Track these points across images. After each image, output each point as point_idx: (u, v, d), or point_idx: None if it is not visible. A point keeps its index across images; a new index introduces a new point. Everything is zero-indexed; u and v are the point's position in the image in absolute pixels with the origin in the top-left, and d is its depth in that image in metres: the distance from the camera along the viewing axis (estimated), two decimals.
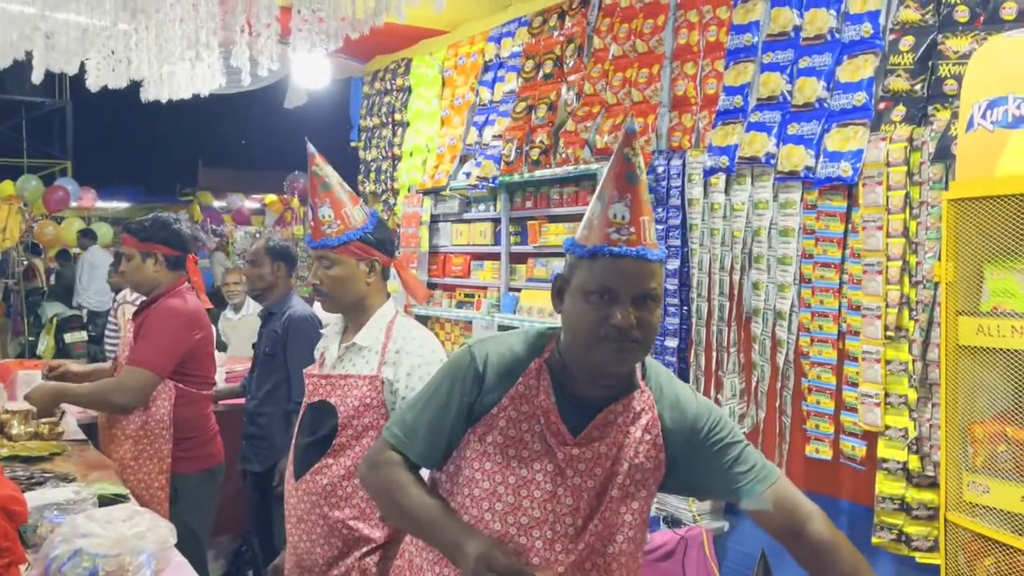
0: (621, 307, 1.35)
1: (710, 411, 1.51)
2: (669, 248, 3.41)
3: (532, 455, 1.45)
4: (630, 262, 1.36)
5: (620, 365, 1.39)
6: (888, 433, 2.65)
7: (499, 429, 1.45)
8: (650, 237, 1.39)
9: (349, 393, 2.16)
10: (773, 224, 3.04)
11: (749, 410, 3.17)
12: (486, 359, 1.48)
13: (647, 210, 1.39)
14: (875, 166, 2.68)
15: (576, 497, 1.44)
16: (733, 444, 1.49)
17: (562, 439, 1.44)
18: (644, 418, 1.47)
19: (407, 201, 4.98)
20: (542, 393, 1.45)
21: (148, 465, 2.97)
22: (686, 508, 3.26)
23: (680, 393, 1.52)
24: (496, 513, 1.45)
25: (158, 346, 2.95)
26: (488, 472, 1.46)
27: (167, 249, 3.07)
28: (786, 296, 2.98)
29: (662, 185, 3.43)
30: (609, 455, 1.45)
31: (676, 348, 3.39)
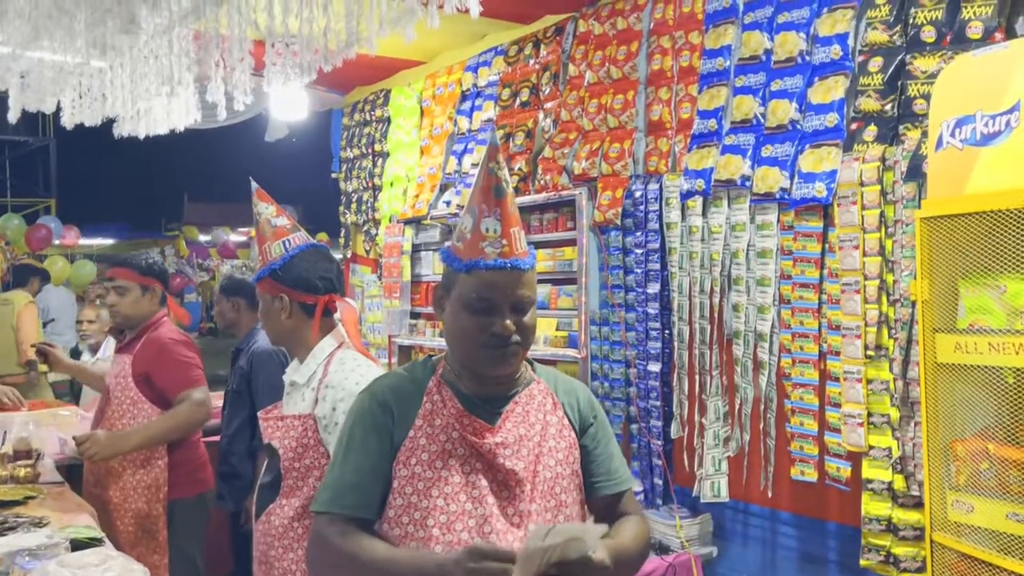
0: (499, 317, 1.46)
1: (594, 402, 1.65)
2: (648, 272, 3.41)
3: (459, 460, 1.50)
4: (505, 274, 1.46)
5: (504, 368, 1.50)
6: (872, 453, 2.63)
7: (422, 447, 1.50)
8: (521, 247, 1.49)
9: (287, 435, 2.10)
10: (751, 246, 3.03)
11: (734, 433, 3.15)
12: (386, 393, 1.55)
13: (516, 221, 1.50)
14: (849, 186, 2.69)
15: (513, 480, 1.50)
16: (611, 440, 1.63)
17: (481, 433, 1.51)
18: (547, 403, 1.58)
19: (388, 231, 4.97)
20: (448, 403, 1.52)
21: (144, 494, 3.04)
22: (674, 535, 3.22)
23: (570, 382, 1.66)
24: (443, 526, 1.46)
25: (188, 365, 3.16)
26: (423, 491, 1.48)
27: (161, 285, 3.24)
28: (766, 318, 2.97)
29: (640, 209, 3.43)
30: (529, 436, 1.53)
31: (659, 372, 3.37)
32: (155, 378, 3.10)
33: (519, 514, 1.49)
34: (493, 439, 1.49)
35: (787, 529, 3.08)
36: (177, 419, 3.07)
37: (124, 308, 3.16)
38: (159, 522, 3.03)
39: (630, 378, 3.50)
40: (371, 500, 1.50)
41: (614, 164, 3.55)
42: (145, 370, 3.10)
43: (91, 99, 3.90)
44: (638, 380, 3.46)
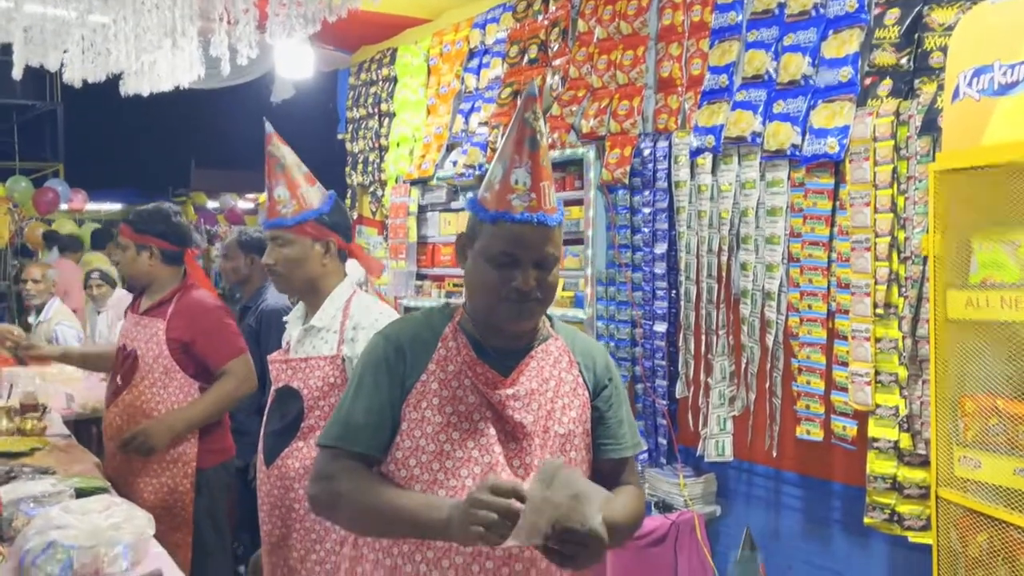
0: (523, 271, 1.44)
1: (611, 365, 1.64)
2: (656, 232, 3.38)
3: (469, 407, 1.49)
4: (531, 229, 1.44)
5: (522, 323, 1.49)
6: (879, 412, 2.61)
7: (433, 392, 1.49)
8: (550, 202, 1.46)
9: (311, 375, 2.13)
10: (760, 204, 3.00)
11: (739, 392, 3.13)
12: (400, 337, 1.54)
13: (547, 175, 1.47)
14: (862, 142, 2.64)
15: (521, 433, 1.49)
16: (623, 404, 1.62)
17: (493, 384, 1.50)
18: (563, 361, 1.57)
19: (394, 192, 4.94)
20: (462, 351, 1.51)
21: (172, 469, 2.86)
22: (677, 493, 3.22)
23: (588, 342, 1.65)
24: (448, 471, 1.47)
25: (228, 332, 2.94)
26: (431, 434, 1.48)
27: (163, 243, 2.96)
28: (774, 276, 2.95)
29: (648, 168, 3.39)
30: (542, 392, 1.52)
31: (665, 332, 3.35)
32: (197, 346, 2.87)
33: (525, 466, 1.48)
34: (504, 391, 1.49)
35: (791, 489, 3.07)
36: (227, 394, 2.86)
37: (123, 266, 3.03)
38: (186, 497, 2.86)
39: (636, 338, 3.49)
40: (379, 441, 1.50)
41: (623, 122, 3.50)
42: (183, 336, 2.87)
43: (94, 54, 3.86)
44: (644, 340, 3.44)
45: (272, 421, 2.25)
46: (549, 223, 1.45)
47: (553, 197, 1.48)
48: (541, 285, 1.46)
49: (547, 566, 1.47)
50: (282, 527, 2.16)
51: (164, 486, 2.85)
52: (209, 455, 2.95)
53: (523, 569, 1.46)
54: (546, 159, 1.48)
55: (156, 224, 2.98)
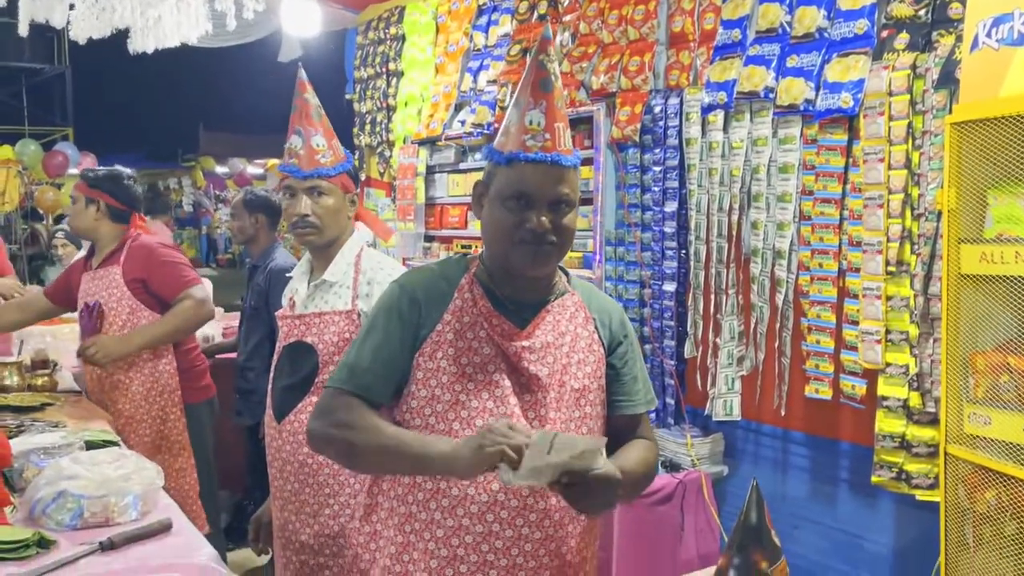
0: (536, 212, 1.43)
1: (627, 322, 1.65)
2: (666, 190, 3.35)
3: (484, 358, 1.49)
4: (545, 168, 1.43)
5: (538, 267, 1.48)
6: (889, 370, 2.60)
7: (448, 342, 1.49)
8: (564, 143, 1.46)
9: (326, 330, 2.13)
10: (772, 161, 2.96)
11: (748, 352, 3.13)
12: (415, 287, 1.53)
13: (562, 116, 1.46)
14: (877, 96, 2.59)
15: (536, 385, 1.49)
16: (638, 361, 1.64)
17: (509, 335, 1.50)
18: (579, 316, 1.57)
19: (402, 152, 4.91)
20: (479, 301, 1.51)
21: (159, 401, 3.07)
22: (685, 452, 3.23)
23: (604, 299, 1.66)
24: (463, 420, 1.46)
25: (180, 265, 3.11)
26: (447, 384, 1.48)
27: (110, 199, 3.12)
28: (785, 235, 2.92)
29: (659, 125, 3.36)
30: (557, 345, 1.52)
31: (674, 292, 3.34)
32: (150, 282, 3.05)
33: (540, 419, 1.49)
34: (520, 342, 1.49)
35: (799, 448, 3.08)
36: (180, 318, 3.03)
37: (71, 218, 3.20)
38: (179, 424, 3.07)
39: (644, 298, 3.48)
40: (384, 386, 1.50)
41: (634, 78, 3.46)
42: (140, 275, 3.05)
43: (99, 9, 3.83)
44: (652, 300, 3.44)
45: (282, 376, 2.24)
46: (563, 163, 1.44)
47: (568, 139, 1.47)
48: (556, 228, 1.44)
49: (561, 517, 1.48)
50: (295, 482, 2.17)
51: (156, 417, 3.06)
52: (191, 392, 3.16)
53: (537, 520, 1.47)
54: (561, 101, 1.47)
55: (106, 181, 3.14)
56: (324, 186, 2.19)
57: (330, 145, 2.20)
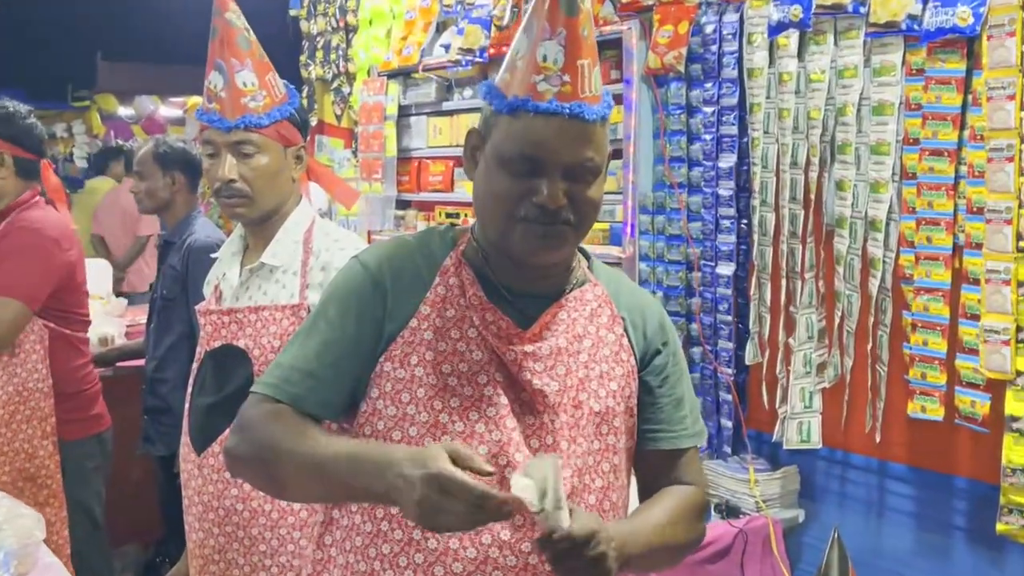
0: (549, 181, 1.42)
1: (668, 325, 1.65)
2: (721, 139, 3.35)
3: (474, 367, 1.49)
4: (561, 123, 1.41)
5: (545, 254, 1.48)
6: (1020, 381, 2.60)
7: (426, 344, 1.49)
8: (591, 88, 1.43)
9: (264, 330, 2.13)
10: (864, 98, 2.96)
11: (831, 357, 3.13)
12: (382, 266, 1.53)
13: (589, 50, 1.45)
14: (1005, 10, 2.59)
15: (542, 405, 1.49)
16: (682, 378, 1.64)
17: (507, 336, 1.49)
18: (603, 314, 1.57)
19: (366, 88, 4.91)
20: (468, 289, 1.51)
21: (26, 429, 3.04)
22: (746, 492, 3.24)
23: (638, 292, 1.67)
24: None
25: (24, 268, 3.00)
26: (423, 400, 1.47)
27: (18, 150, 3.09)
28: (882, 198, 2.92)
29: (712, 51, 3.35)
30: (572, 352, 1.52)
31: (732, 276, 3.35)
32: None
33: (545, 447, 1.49)
34: (522, 346, 1.49)
35: (899, 486, 3.09)
36: None
37: None
38: (51, 463, 3.06)
39: (692, 284, 3.48)
40: (329, 396, 1.50)
41: None
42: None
43: None
44: (703, 287, 3.44)
45: (204, 392, 2.25)
46: (587, 116, 1.42)
47: (596, 81, 1.45)
48: (574, 202, 1.44)
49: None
50: (219, 535, 2.18)
51: (19, 452, 3.02)
52: (73, 424, 3.14)
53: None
54: (588, 27, 1.44)
55: (6, 126, 3.09)
56: (255, 140, 2.19)
57: (263, 83, 2.19)
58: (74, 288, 3.17)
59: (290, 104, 2.25)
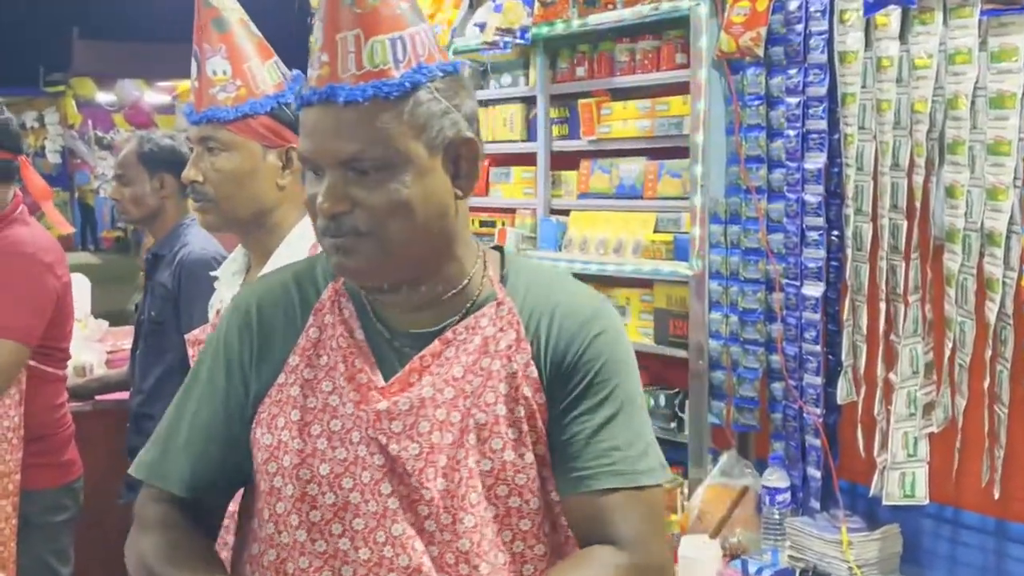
0: (325, 183, 1.45)
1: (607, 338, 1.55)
2: (808, 136, 3.33)
3: (348, 424, 1.50)
4: (317, 112, 1.45)
5: (346, 272, 1.49)
6: None
7: (292, 401, 1.51)
8: (358, 64, 1.43)
9: None
10: (980, 89, 2.93)
11: (940, 396, 3.10)
12: (251, 309, 1.57)
13: (356, 21, 1.43)
14: None
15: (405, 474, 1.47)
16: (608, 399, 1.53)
17: (365, 391, 1.50)
18: (503, 341, 1.54)
19: None
20: (340, 330, 1.53)
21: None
22: (838, 556, 3.21)
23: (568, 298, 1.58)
24: (316, 526, 1.49)
25: (16, 301, 3.05)
26: (289, 470, 1.49)
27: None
28: (1000, 207, 2.88)
29: (796, 32, 3.34)
30: (442, 401, 1.49)
31: (820, 298, 3.32)
32: None
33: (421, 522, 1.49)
34: (374, 405, 1.49)
35: (1021, 549, 3.05)
36: None
37: None
38: (6, 528, 3.05)
39: (773, 308, 3.46)
40: (199, 475, 1.54)
41: None
42: None
43: None
44: (786, 311, 3.42)
45: None
46: (337, 97, 1.42)
47: (378, 54, 1.44)
48: (361, 206, 1.44)
49: None
50: None
51: None
52: (40, 470, 3.15)
53: None
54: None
55: None
56: (222, 138, 2.22)
57: (238, 72, 2.22)
58: (62, 320, 3.21)
59: (276, 98, 2.25)
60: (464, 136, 1.49)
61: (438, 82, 1.46)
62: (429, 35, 1.49)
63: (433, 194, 1.46)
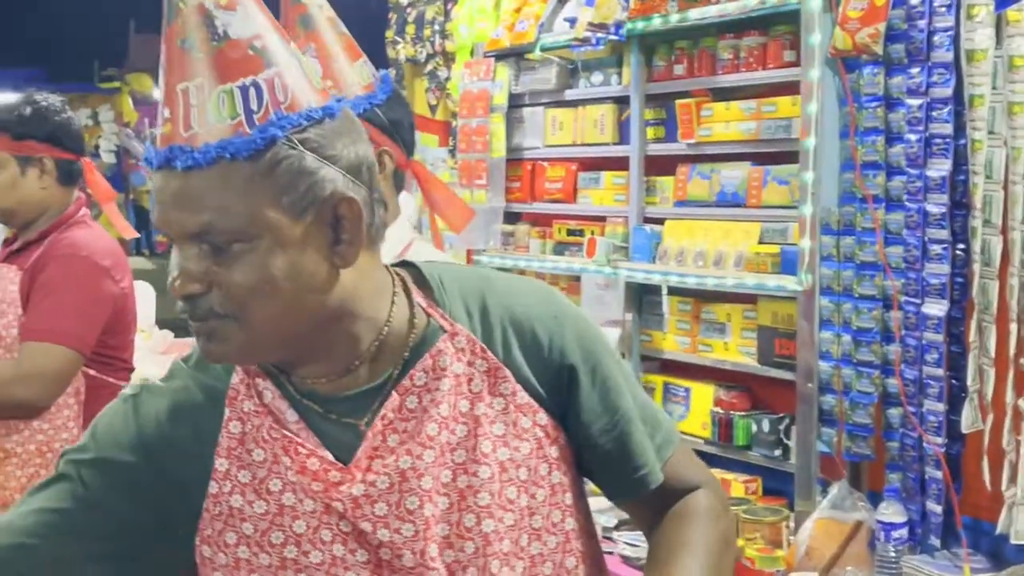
0: (176, 259, 1.33)
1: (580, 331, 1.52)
2: (931, 141, 3.29)
3: (313, 522, 1.41)
4: (161, 177, 1.32)
5: (208, 356, 1.37)
6: None
7: (238, 513, 1.41)
8: (203, 120, 1.29)
9: None
10: None
11: None
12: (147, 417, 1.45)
13: (199, 69, 1.30)
14: None
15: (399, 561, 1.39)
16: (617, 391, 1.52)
17: (331, 475, 1.39)
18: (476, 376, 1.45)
19: (468, 71, 4.96)
20: (266, 419, 1.41)
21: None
22: None
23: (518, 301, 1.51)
24: None
25: (71, 306, 3.05)
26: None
27: (57, 151, 3.16)
28: None
29: (919, 28, 3.31)
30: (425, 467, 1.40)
31: (944, 318, 3.27)
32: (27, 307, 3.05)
33: None
34: (348, 488, 1.40)
35: None
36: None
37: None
38: None
39: (891, 327, 3.42)
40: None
41: None
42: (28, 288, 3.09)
43: None
44: (906, 331, 3.37)
45: None
46: (176, 164, 1.29)
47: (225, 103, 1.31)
48: (219, 289, 1.32)
49: None
50: None
51: None
52: None
53: None
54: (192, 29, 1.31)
55: (41, 124, 3.16)
56: None
57: (328, 72, 2.22)
58: (123, 328, 3.23)
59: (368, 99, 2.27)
60: (341, 195, 1.33)
61: (308, 131, 1.31)
62: (295, 74, 1.34)
63: (303, 267, 1.32)
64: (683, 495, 1.58)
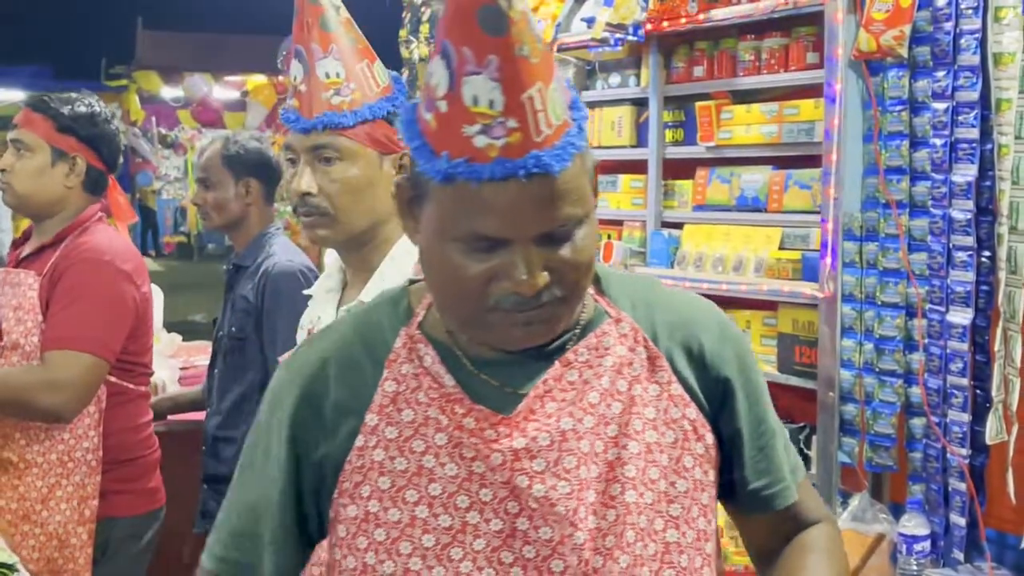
0: (520, 260, 1.36)
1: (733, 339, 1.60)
2: (956, 145, 3.28)
3: (450, 486, 1.45)
4: (519, 186, 1.33)
5: (533, 340, 1.44)
6: None
7: (378, 467, 1.46)
8: (548, 121, 1.34)
9: None
10: None
11: None
12: (314, 371, 1.53)
13: (535, 72, 1.32)
14: None
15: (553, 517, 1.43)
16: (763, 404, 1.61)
17: (480, 431, 1.44)
18: (636, 361, 1.52)
19: None
20: (425, 381, 1.48)
21: (64, 510, 3.09)
22: None
23: (681, 304, 1.60)
24: None
25: (94, 311, 3.07)
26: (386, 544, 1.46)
27: (93, 156, 3.23)
28: None
29: (945, 31, 3.31)
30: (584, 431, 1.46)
31: (968, 326, 3.27)
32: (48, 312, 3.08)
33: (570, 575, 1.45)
34: (509, 442, 1.44)
35: None
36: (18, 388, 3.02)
37: (19, 179, 3.19)
38: (81, 557, 3.10)
39: (914, 336, 3.42)
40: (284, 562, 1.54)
41: None
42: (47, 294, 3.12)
43: None
44: (929, 340, 3.38)
45: None
46: (553, 168, 1.33)
47: (556, 105, 1.36)
48: (557, 272, 1.38)
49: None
50: None
51: (53, 536, 3.07)
52: (122, 498, 3.18)
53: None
54: (528, 38, 1.31)
55: (85, 125, 3.21)
56: (340, 146, 2.22)
57: (352, 75, 2.22)
58: (143, 332, 3.26)
59: (390, 100, 2.26)
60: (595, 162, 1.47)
61: None
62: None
63: (595, 233, 1.44)
64: (804, 525, 1.65)
